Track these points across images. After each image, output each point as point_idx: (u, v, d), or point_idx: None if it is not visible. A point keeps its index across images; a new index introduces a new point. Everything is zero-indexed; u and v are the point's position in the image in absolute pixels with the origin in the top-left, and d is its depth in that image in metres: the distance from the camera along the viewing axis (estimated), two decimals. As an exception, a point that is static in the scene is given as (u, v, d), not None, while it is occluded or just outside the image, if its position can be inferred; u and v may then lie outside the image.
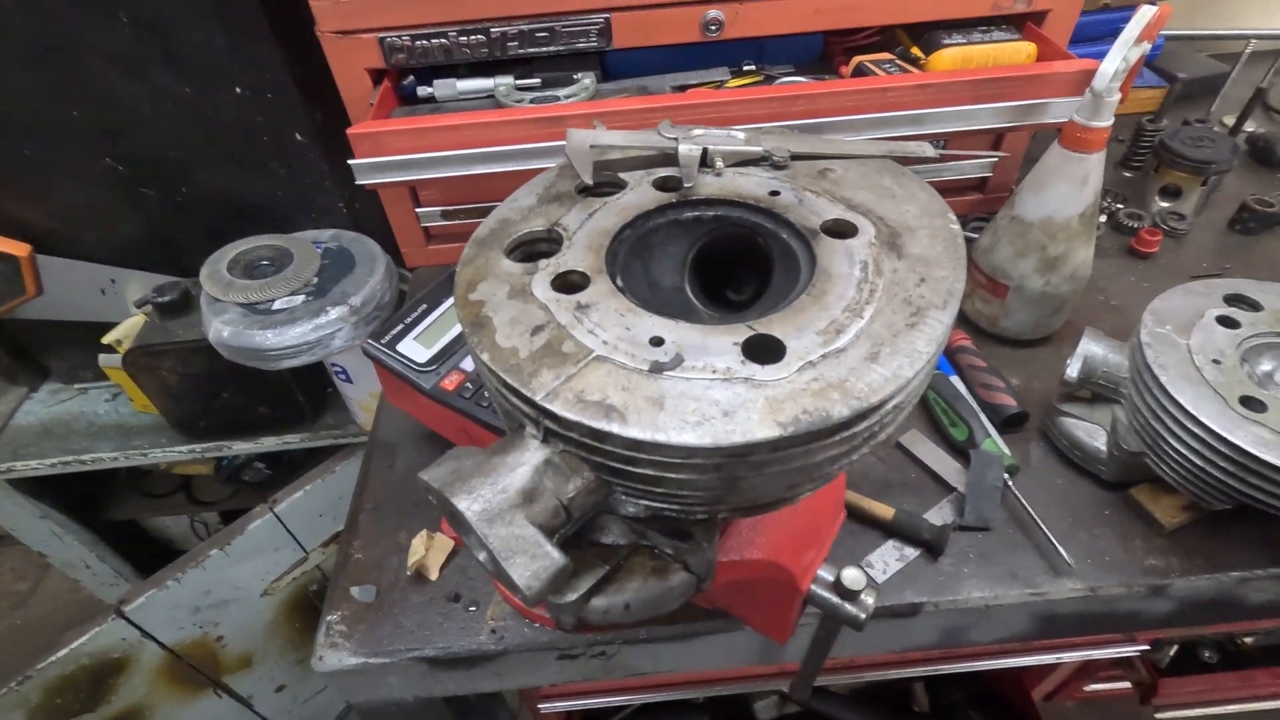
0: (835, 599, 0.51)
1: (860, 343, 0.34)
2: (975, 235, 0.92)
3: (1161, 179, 1.07)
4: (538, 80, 0.91)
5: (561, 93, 0.88)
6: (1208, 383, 0.63)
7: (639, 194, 0.46)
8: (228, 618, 1.27)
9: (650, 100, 0.83)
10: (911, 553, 0.70)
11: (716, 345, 0.35)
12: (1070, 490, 0.74)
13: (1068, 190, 0.77)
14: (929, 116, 0.83)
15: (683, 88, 0.92)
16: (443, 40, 0.87)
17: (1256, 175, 1.16)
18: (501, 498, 0.33)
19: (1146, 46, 0.72)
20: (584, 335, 0.36)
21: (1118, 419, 0.72)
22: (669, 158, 0.47)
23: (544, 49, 0.89)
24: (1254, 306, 0.71)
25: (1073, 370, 0.73)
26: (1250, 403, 0.62)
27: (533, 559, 0.32)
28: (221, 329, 0.97)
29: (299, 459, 1.47)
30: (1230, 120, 1.22)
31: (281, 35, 0.95)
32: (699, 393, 0.33)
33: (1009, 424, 0.80)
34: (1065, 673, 1.20)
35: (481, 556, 0.35)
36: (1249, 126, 1.23)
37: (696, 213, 0.46)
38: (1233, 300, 0.72)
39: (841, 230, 0.42)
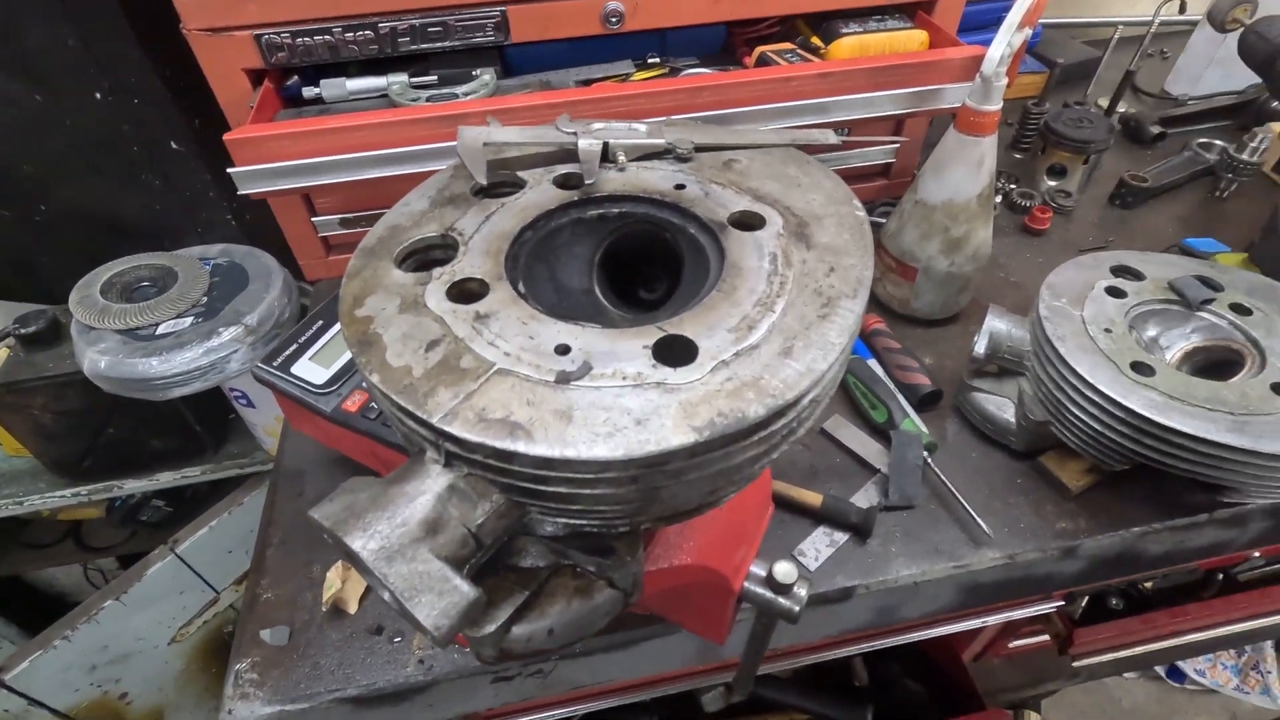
0: (769, 594, 0.51)
1: (773, 338, 0.34)
2: (883, 220, 0.94)
3: (1048, 159, 1.12)
4: (434, 78, 0.87)
5: (460, 90, 0.84)
6: (1101, 351, 0.66)
7: (539, 193, 0.44)
8: (131, 672, 1.16)
9: (553, 95, 0.81)
10: (841, 537, 0.71)
11: (626, 350, 0.33)
12: (985, 462, 0.77)
13: (965, 173, 0.80)
14: (832, 105, 0.84)
15: (587, 82, 0.90)
16: (327, 37, 0.81)
17: (1130, 152, 1.24)
18: (401, 532, 0.30)
19: (1028, 32, 0.75)
20: (484, 348, 0.33)
21: (1024, 391, 0.75)
22: (569, 154, 0.45)
23: (438, 44, 0.85)
24: (1137, 276, 0.75)
25: (980, 347, 0.75)
26: (1140, 368, 0.65)
27: (440, 596, 0.29)
28: (98, 359, 0.88)
29: (203, 493, 1.36)
30: (1105, 102, 1.30)
31: (143, 33, 0.86)
32: (610, 402, 0.31)
33: (925, 403, 0.82)
34: (991, 634, 1.26)
35: (385, 597, 0.32)
36: (1121, 107, 1.31)
37: (600, 210, 0.44)
38: (1118, 271, 0.76)
39: (749, 222, 0.41)
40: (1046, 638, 1.31)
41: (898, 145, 0.99)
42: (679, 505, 0.34)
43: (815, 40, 0.94)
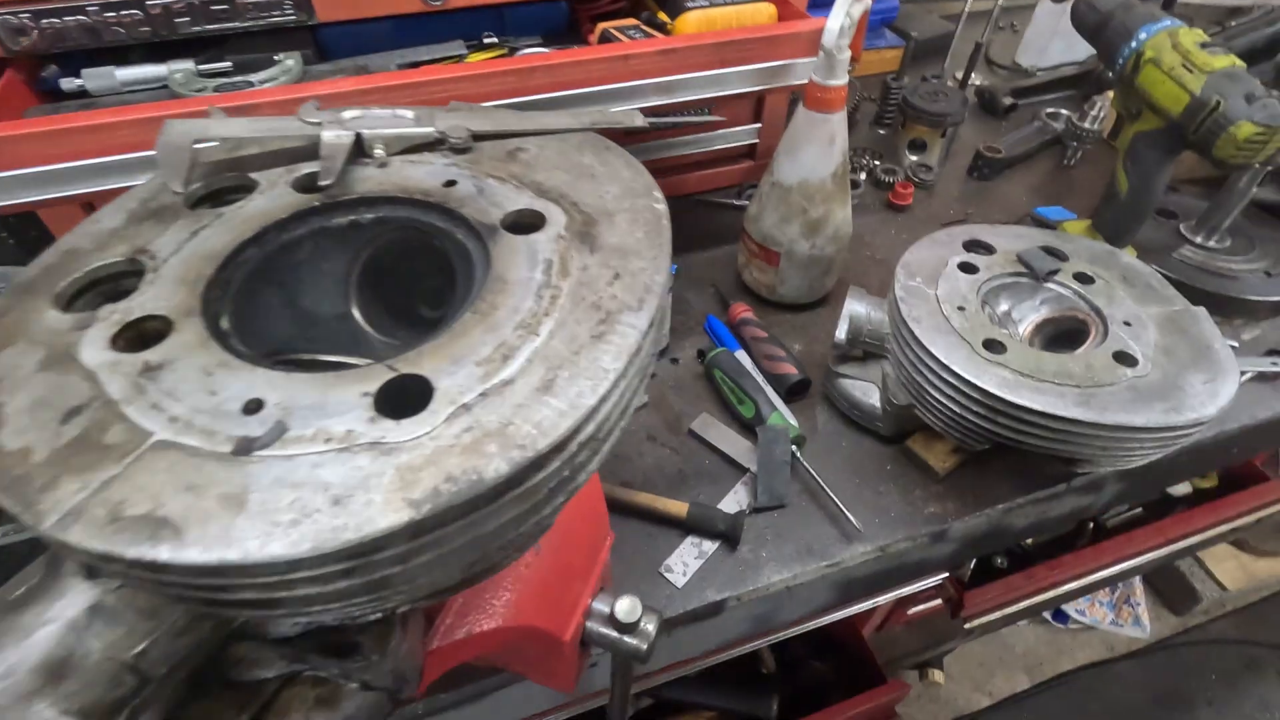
0: (614, 634, 0.45)
1: (532, 369, 0.27)
2: (746, 204, 0.90)
3: (908, 134, 1.12)
4: (229, 64, 0.75)
5: (256, 78, 0.73)
6: (955, 330, 0.65)
7: (271, 198, 0.36)
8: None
9: (367, 81, 0.71)
10: (710, 546, 0.66)
11: (340, 400, 0.26)
12: (855, 450, 0.75)
13: (818, 151, 0.76)
14: (677, 84, 0.79)
15: (414, 64, 0.81)
16: (81, 18, 0.69)
17: (986, 124, 1.27)
18: (4, 686, 0.22)
19: (868, 3, 0.72)
20: (143, 413, 0.26)
21: (887, 374, 0.73)
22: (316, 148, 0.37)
23: (227, 26, 0.73)
24: (988, 250, 0.75)
25: (841, 332, 0.72)
26: (992, 345, 0.64)
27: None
28: None
29: None
30: (959, 75, 1.33)
31: None
32: (303, 475, 0.24)
33: (793, 393, 0.79)
34: (888, 607, 1.28)
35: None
36: (976, 80, 1.34)
37: (352, 217, 0.36)
38: (971, 246, 0.75)
39: (526, 223, 0.34)
40: (940, 602, 1.34)
41: (759, 126, 0.95)
42: (434, 585, 0.28)
43: (661, 16, 0.88)
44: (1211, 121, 0.70)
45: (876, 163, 1.13)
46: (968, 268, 0.71)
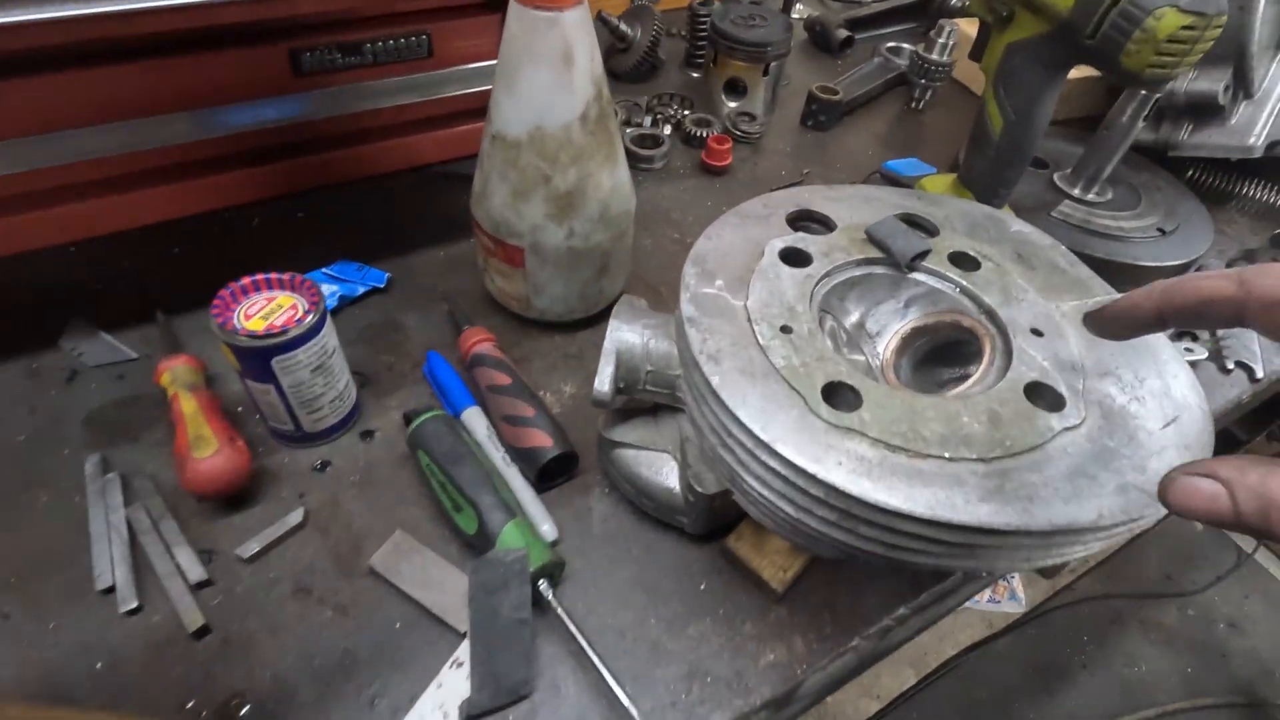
0: None
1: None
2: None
3: (723, 73, 0.85)
4: None
5: None
6: (777, 371, 0.37)
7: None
8: None
9: None
10: (382, 815, 0.36)
11: None
12: (648, 563, 0.47)
13: (549, 79, 0.46)
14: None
15: None
16: None
17: (819, 62, 1.03)
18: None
19: None
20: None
21: (687, 440, 0.45)
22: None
23: None
24: (824, 225, 0.48)
25: (602, 381, 0.43)
26: (838, 394, 0.37)
27: None
28: None
29: None
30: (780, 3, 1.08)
31: None
32: None
33: (550, 476, 0.49)
34: None
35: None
36: (801, 9, 1.10)
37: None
38: (799, 221, 0.48)
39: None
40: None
41: (481, 66, 0.63)
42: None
43: None
44: (1118, 15, 0.47)
45: (686, 113, 0.86)
46: (795, 257, 0.44)
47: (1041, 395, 0.38)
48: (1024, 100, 0.57)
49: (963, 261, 0.46)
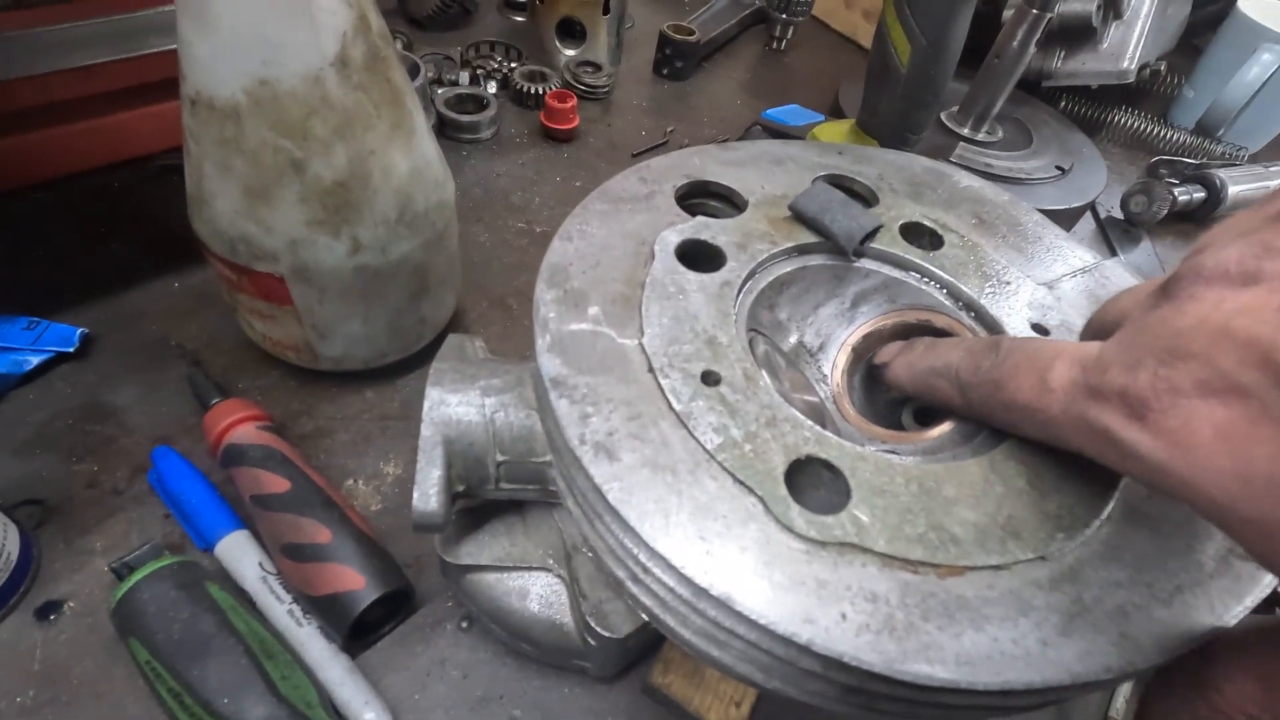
0: None
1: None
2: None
3: (553, 12, 0.68)
4: None
5: None
6: (710, 456, 0.23)
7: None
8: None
9: None
10: None
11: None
12: (544, 735, 0.31)
13: (238, 5, 0.28)
14: None
15: None
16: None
17: (663, 3, 0.88)
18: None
19: None
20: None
21: (576, 551, 0.30)
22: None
23: None
24: (730, 200, 0.34)
25: (425, 494, 0.26)
26: (807, 479, 0.23)
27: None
28: None
29: None
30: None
31: None
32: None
33: (370, 627, 0.32)
34: None
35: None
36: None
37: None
38: (692, 199, 0.34)
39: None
40: None
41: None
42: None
43: None
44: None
45: (514, 65, 0.68)
46: (701, 256, 0.29)
47: (1076, 427, 0.26)
48: (936, 19, 0.45)
49: (919, 236, 0.33)
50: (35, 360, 0.39)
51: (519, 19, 0.77)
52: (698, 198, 0.34)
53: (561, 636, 0.30)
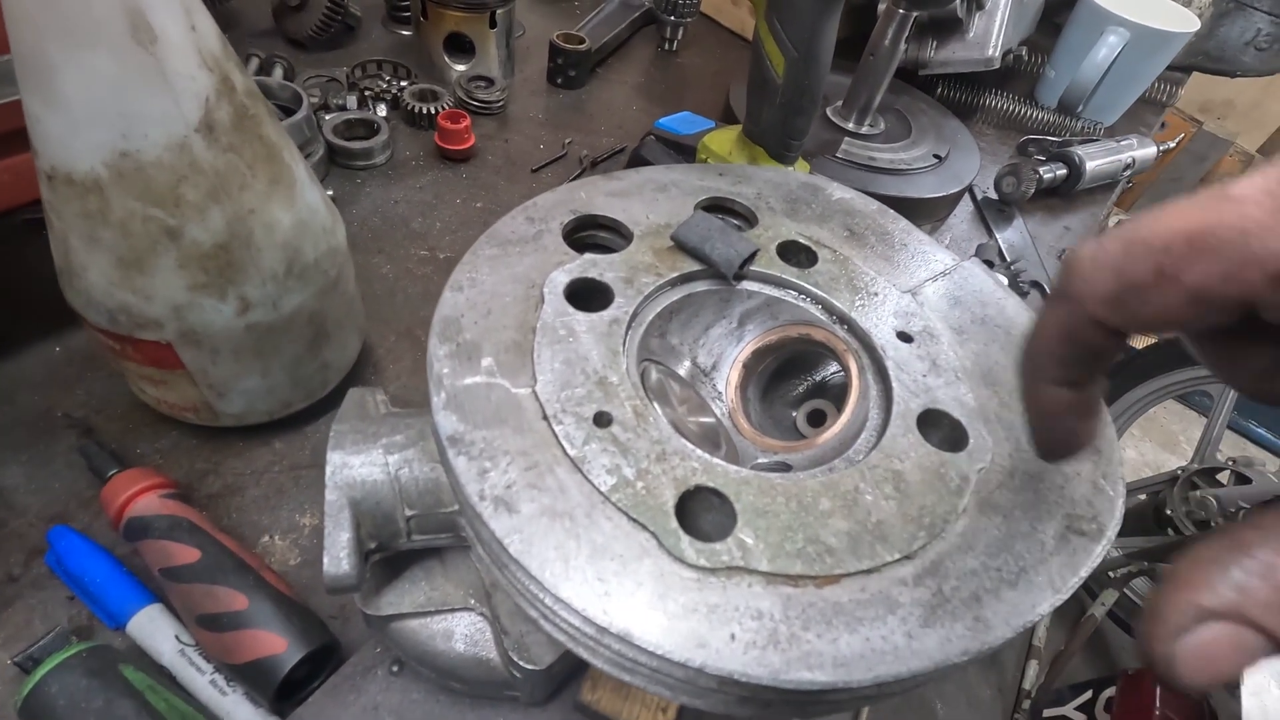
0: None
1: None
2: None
3: (439, 28, 0.67)
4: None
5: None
6: (605, 498, 0.24)
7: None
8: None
9: None
10: None
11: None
12: (482, 766, 0.32)
13: (115, 70, 0.27)
14: None
15: None
16: None
17: (551, 5, 0.88)
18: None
19: None
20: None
21: (495, 589, 0.31)
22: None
23: None
24: (617, 231, 0.35)
25: (335, 558, 0.27)
26: (697, 509, 0.25)
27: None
28: None
29: None
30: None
31: None
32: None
33: (298, 685, 0.32)
34: None
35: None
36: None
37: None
38: (583, 232, 0.35)
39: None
40: None
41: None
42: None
43: None
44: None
45: (404, 84, 0.67)
46: (590, 296, 0.31)
47: (938, 426, 0.29)
48: (804, 32, 0.48)
49: (795, 254, 0.36)
50: (-97, 448, 0.37)
51: (405, 33, 0.75)
52: (587, 230, 0.35)
53: (489, 672, 0.31)
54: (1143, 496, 1.57)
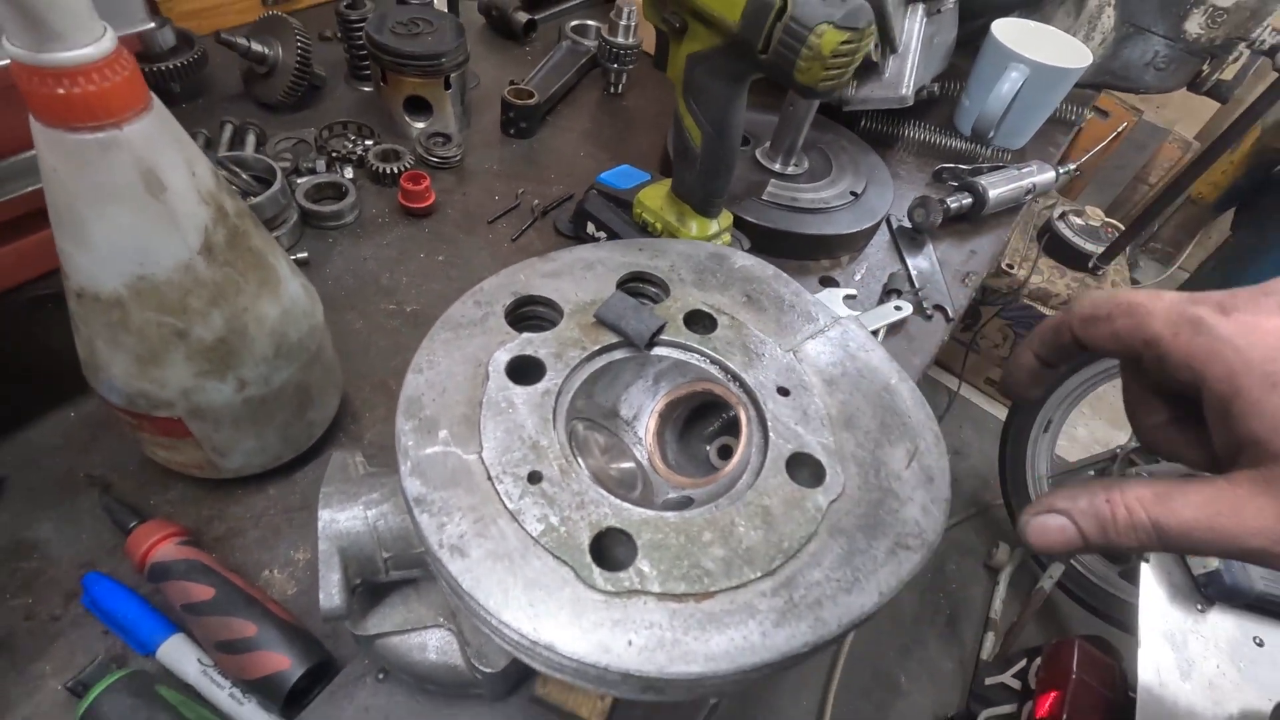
0: None
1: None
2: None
3: (398, 92, 0.74)
4: None
5: None
6: (535, 541, 0.32)
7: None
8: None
9: None
10: None
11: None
12: (455, 751, 0.40)
13: (133, 219, 0.33)
14: None
15: None
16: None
17: (505, 54, 0.94)
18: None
19: None
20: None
21: (458, 613, 0.39)
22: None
23: None
24: (550, 307, 0.42)
25: (329, 594, 0.34)
26: (608, 547, 0.33)
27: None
28: None
29: None
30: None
31: None
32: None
33: (300, 694, 0.40)
34: None
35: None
36: (475, -6, 0.99)
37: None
38: (521, 310, 0.42)
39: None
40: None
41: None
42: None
43: None
44: (784, 33, 0.46)
45: (369, 144, 0.73)
46: (526, 372, 0.38)
47: (804, 466, 0.37)
48: (715, 112, 0.55)
49: (698, 321, 0.43)
50: (-51, 512, 0.43)
51: (366, 89, 0.82)
52: (526, 306, 0.42)
53: (458, 675, 0.39)
54: (1091, 472, 1.69)
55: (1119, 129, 2.84)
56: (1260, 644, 0.82)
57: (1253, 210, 2.25)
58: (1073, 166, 0.97)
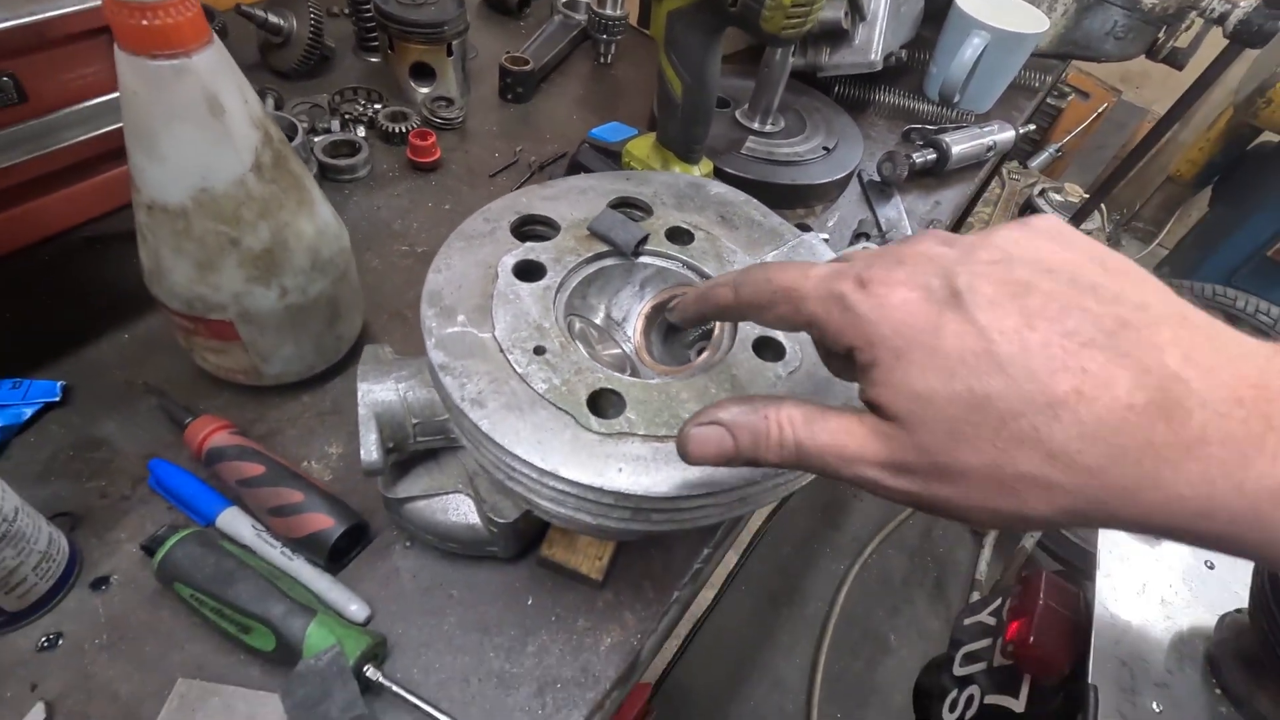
0: None
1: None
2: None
3: (405, 58, 0.80)
4: None
5: None
6: (541, 397, 0.38)
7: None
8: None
9: None
10: None
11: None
12: (471, 601, 0.46)
13: (198, 136, 0.40)
14: None
15: None
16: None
17: (502, 28, 1.01)
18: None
19: None
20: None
21: (475, 476, 0.45)
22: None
23: None
24: (549, 226, 0.49)
25: (369, 450, 0.41)
26: (602, 402, 0.39)
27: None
28: None
29: None
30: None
31: None
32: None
33: (342, 553, 0.46)
34: None
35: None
36: (472, -29, 1.05)
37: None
38: (525, 228, 0.48)
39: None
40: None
41: (105, 100, 0.52)
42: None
43: None
44: (748, -16, 0.52)
45: (378, 107, 0.79)
46: (529, 271, 0.45)
47: (767, 348, 0.44)
48: (694, 63, 0.61)
49: (678, 236, 0.50)
50: (29, 411, 0.49)
51: (374, 60, 0.88)
52: (527, 226, 0.49)
53: (475, 533, 0.45)
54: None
55: (1099, 109, 2.91)
56: (1211, 566, 0.89)
57: (1229, 184, 2.33)
58: (1055, 148, 1.04)
